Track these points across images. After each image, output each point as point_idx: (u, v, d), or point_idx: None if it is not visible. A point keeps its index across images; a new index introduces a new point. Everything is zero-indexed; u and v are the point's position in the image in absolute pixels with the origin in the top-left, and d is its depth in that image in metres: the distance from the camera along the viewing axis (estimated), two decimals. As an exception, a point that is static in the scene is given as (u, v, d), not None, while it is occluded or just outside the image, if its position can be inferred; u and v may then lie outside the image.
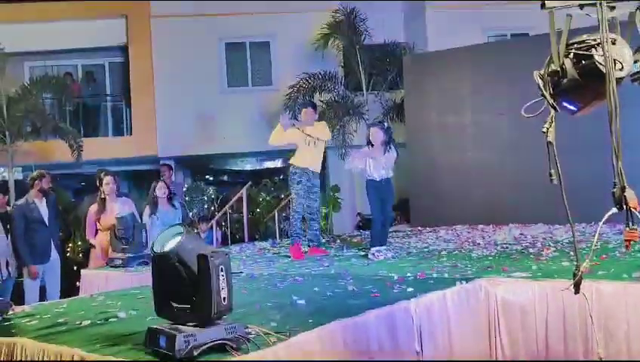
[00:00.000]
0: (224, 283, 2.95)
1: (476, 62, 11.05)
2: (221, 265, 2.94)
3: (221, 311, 2.98)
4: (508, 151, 10.59)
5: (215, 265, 2.93)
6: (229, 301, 2.99)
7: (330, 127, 12.93)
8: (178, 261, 2.98)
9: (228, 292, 2.98)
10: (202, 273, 2.93)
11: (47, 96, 14.11)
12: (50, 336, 3.56)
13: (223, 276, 2.95)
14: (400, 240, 8.75)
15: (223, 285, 2.95)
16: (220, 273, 2.94)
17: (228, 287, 2.98)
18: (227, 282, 2.97)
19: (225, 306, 2.98)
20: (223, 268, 2.95)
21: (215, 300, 2.92)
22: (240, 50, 15.34)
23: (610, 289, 4.15)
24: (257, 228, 12.98)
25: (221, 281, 2.94)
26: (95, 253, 7.84)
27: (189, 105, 14.49)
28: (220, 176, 18.44)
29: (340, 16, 13.75)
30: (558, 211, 2.65)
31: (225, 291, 2.96)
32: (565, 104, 2.52)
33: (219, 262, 2.94)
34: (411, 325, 3.92)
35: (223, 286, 2.95)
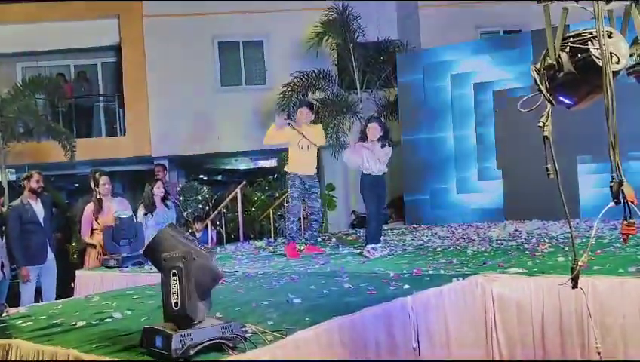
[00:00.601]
0: (176, 287, 2.82)
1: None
2: (173, 269, 2.83)
3: (173, 317, 2.87)
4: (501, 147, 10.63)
5: (167, 267, 2.85)
6: (184, 307, 2.82)
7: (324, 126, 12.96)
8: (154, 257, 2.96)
9: (182, 297, 2.81)
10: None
11: (39, 96, 14.04)
12: (46, 337, 3.53)
13: (175, 281, 2.82)
14: (395, 237, 8.76)
15: (175, 290, 2.82)
16: (172, 277, 2.83)
17: (183, 293, 2.81)
18: (182, 288, 2.81)
19: (177, 312, 2.84)
20: (177, 273, 2.83)
21: (168, 303, 2.84)
22: (233, 50, 15.31)
23: (605, 284, 4.15)
24: (252, 228, 12.95)
25: (172, 286, 2.83)
26: (93, 251, 7.80)
27: (183, 104, 14.44)
28: (214, 176, 18.41)
29: (334, 15, 13.73)
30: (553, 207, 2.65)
31: (177, 297, 2.82)
32: (562, 98, 2.50)
33: (171, 265, 2.84)
34: (408, 322, 3.91)
35: (174, 291, 2.83)
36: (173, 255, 2.88)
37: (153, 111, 14.79)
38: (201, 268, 2.89)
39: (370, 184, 7.10)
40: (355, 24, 13.65)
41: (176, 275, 2.83)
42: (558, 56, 2.42)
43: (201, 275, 2.90)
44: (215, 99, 14.88)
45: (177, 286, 2.83)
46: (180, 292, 2.82)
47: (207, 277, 2.94)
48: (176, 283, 2.83)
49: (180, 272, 2.83)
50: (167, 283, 2.86)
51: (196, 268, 2.86)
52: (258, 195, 13.60)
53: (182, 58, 14.65)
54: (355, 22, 13.65)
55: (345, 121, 13.52)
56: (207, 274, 2.93)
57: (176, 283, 2.83)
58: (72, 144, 12.63)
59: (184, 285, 2.82)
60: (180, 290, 2.82)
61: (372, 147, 7.09)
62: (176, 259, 2.85)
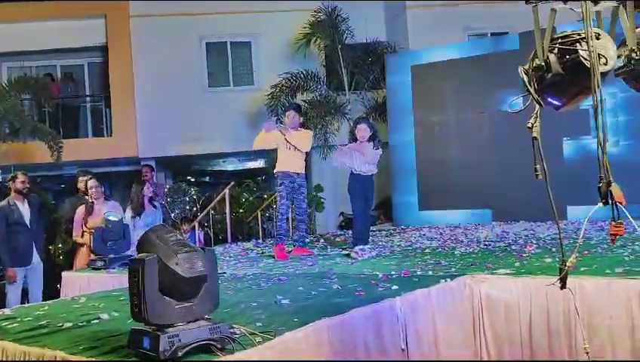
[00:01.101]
0: (136, 289, 2.84)
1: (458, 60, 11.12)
2: (134, 272, 2.85)
3: (137, 317, 2.89)
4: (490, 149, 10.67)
5: (131, 269, 2.88)
6: (143, 310, 2.83)
7: (313, 127, 12.97)
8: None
9: (141, 301, 2.82)
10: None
11: (25, 97, 13.95)
12: (32, 339, 3.50)
13: (134, 283, 2.85)
14: (383, 238, 8.77)
15: (135, 291, 2.85)
16: (133, 279, 2.86)
17: (142, 296, 2.82)
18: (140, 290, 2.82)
19: (136, 314, 2.88)
20: (137, 275, 2.84)
21: (144, 307, 2.84)
22: (221, 50, 15.27)
23: (593, 285, 4.17)
24: (240, 229, 12.91)
25: (133, 287, 2.86)
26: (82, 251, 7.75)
27: (170, 105, 14.36)
28: (202, 177, 18.33)
29: (322, 16, 13.72)
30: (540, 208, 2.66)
31: (136, 298, 2.84)
32: (550, 99, 2.52)
33: (134, 267, 2.86)
34: (396, 323, 3.91)
35: (135, 293, 2.85)
36: (137, 258, 2.89)
37: (140, 112, 14.70)
38: (168, 271, 2.87)
39: (358, 184, 7.11)
40: (344, 25, 13.66)
41: (136, 278, 2.84)
42: (547, 58, 2.43)
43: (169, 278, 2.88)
44: (203, 99, 14.83)
45: (136, 288, 2.84)
46: (138, 294, 2.84)
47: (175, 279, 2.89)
48: (135, 285, 2.85)
49: (138, 275, 2.84)
50: (129, 284, 2.89)
51: (162, 271, 2.86)
52: (246, 196, 13.56)
53: (169, 58, 14.57)
54: (343, 23, 13.65)
55: (333, 122, 13.51)
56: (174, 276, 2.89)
57: (136, 285, 2.84)
58: (58, 145, 12.53)
59: (141, 287, 2.83)
60: (139, 292, 2.84)
61: (362, 148, 7.10)
62: (138, 262, 2.85)
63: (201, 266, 2.96)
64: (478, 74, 10.77)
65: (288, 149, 7.46)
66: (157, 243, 2.98)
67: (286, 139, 7.39)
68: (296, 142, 7.43)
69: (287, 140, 7.39)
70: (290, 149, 7.46)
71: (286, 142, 7.41)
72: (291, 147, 7.44)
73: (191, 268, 2.93)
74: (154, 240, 3.00)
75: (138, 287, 2.83)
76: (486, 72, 10.61)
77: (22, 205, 7.61)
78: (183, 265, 2.90)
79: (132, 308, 2.90)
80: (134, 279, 2.85)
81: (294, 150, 7.46)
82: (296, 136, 7.48)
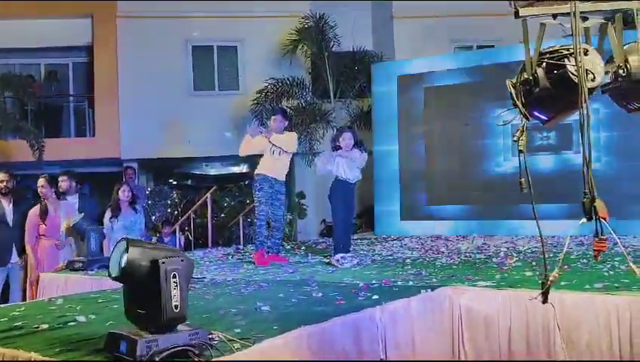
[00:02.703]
0: (176, 290, 2.83)
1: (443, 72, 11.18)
2: (173, 272, 2.83)
3: (173, 320, 2.86)
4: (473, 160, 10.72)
5: (165, 270, 2.82)
6: (182, 309, 2.85)
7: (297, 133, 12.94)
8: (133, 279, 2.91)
9: (181, 299, 2.84)
10: (153, 279, 2.83)
11: (8, 94, 13.81)
12: (6, 340, 3.45)
13: (175, 283, 2.83)
14: (365, 247, 8.76)
15: (175, 292, 2.83)
16: (172, 279, 2.82)
17: (181, 295, 2.84)
18: (180, 289, 2.84)
19: (177, 314, 2.85)
20: (176, 275, 2.84)
21: (165, 308, 2.81)
22: (207, 54, 15.21)
23: (572, 299, 4.19)
24: (222, 234, 12.86)
25: (172, 288, 2.82)
26: (31, 265, 7.57)
27: (154, 107, 14.27)
28: (184, 180, 18.24)
29: (309, 23, 13.74)
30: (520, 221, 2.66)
31: (177, 298, 2.83)
32: (537, 113, 2.52)
33: (171, 268, 2.83)
34: (376, 332, 3.90)
35: (175, 294, 2.83)
36: (171, 257, 2.87)
37: (124, 113, 14.60)
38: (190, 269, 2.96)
39: (340, 190, 7.10)
40: (331, 33, 13.68)
41: (176, 277, 2.83)
42: (535, 72, 2.44)
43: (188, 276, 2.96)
44: (187, 103, 14.74)
45: (177, 288, 2.83)
46: (180, 293, 2.84)
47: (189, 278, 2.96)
48: (176, 285, 2.83)
49: (179, 273, 2.85)
50: (162, 286, 2.81)
51: (187, 270, 2.92)
52: (228, 201, 13.53)
53: (155, 60, 14.49)
54: (330, 31, 13.68)
55: (318, 129, 13.51)
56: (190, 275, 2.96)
57: (177, 285, 2.83)
58: (40, 143, 12.44)
59: (182, 286, 2.85)
60: (180, 292, 2.84)
61: (348, 154, 7.10)
62: (176, 261, 2.86)
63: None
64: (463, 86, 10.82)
65: (273, 154, 7.44)
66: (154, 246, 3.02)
67: (270, 141, 7.37)
68: (281, 144, 7.42)
69: (271, 142, 7.37)
70: (275, 154, 7.43)
71: (271, 147, 7.39)
72: (276, 151, 7.41)
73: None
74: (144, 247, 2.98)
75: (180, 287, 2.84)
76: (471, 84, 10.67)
77: (7, 205, 7.56)
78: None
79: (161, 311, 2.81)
80: (174, 279, 2.83)
81: (279, 155, 7.43)
82: (281, 137, 7.47)
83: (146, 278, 2.86)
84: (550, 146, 9.79)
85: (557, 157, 9.81)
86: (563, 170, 9.56)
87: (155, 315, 2.84)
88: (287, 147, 7.48)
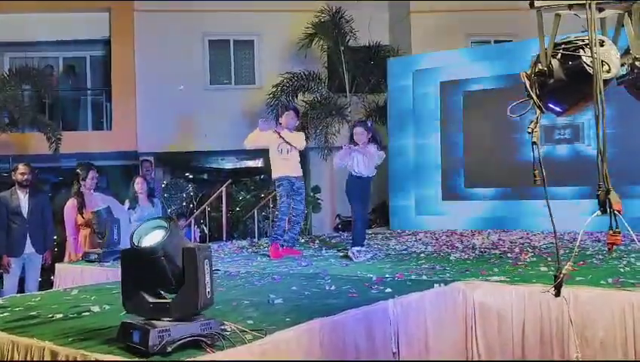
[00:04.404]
0: (209, 276, 2.95)
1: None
2: (206, 259, 2.94)
3: (206, 305, 2.98)
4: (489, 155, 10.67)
5: (201, 258, 2.91)
6: (212, 294, 2.98)
7: (313, 128, 12.97)
8: (164, 255, 2.92)
9: (211, 285, 2.97)
10: (189, 267, 2.91)
11: (26, 87, 13.92)
12: (21, 329, 3.48)
13: (207, 269, 2.94)
14: (379, 241, 8.74)
15: (208, 279, 2.94)
16: (206, 267, 2.93)
17: (211, 281, 2.98)
18: (211, 276, 2.97)
19: (209, 300, 2.98)
20: (208, 262, 2.94)
21: (201, 294, 2.91)
22: (224, 48, 15.25)
23: (587, 295, 4.15)
24: (236, 227, 12.90)
25: (206, 275, 2.93)
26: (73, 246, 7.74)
27: (171, 101, 14.34)
28: (200, 174, 18.30)
29: (325, 17, 13.72)
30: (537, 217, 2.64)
31: (209, 285, 2.95)
32: (551, 105, 2.49)
33: (204, 255, 2.93)
34: (388, 326, 3.89)
35: (208, 280, 2.94)
36: (198, 246, 2.97)
37: (141, 107, 14.68)
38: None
39: (357, 185, 7.11)
40: (347, 27, 13.65)
41: (208, 264, 2.95)
42: (550, 63, 2.41)
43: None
44: (204, 96, 14.80)
45: (209, 275, 2.95)
46: (211, 280, 2.97)
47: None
48: (208, 271, 2.95)
49: (210, 261, 2.97)
50: (199, 273, 2.91)
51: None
52: (243, 195, 13.56)
53: (171, 54, 14.55)
54: (347, 25, 13.65)
55: (333, 123, 13.51)
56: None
57: (209, 271, 2.95)
58: (56, 136, 12.51)
59: (212, 273, 2.98)
60: (211, 279, 2.97)
61: (364, 150, 7.10)
62: (206, 249, 2.99)
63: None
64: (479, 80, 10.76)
65: (280, 152, 7.45)
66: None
67: (281, 137, 7.39)
68: (291, 140, 7.46)
69: (282, 137, 7.39)
70: (282, 152, 7.45)
71: (278, 145, 7.41)
72: (283, 149, 7.43)
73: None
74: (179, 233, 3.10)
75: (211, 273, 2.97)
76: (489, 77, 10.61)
77: (23, 196, 7.63)
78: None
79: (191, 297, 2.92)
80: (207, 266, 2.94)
81: (287, 153, 7.45)
82: (291, 135, 7.50)
83: (174, 263, 2.93)
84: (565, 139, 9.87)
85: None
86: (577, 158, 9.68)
87: (187, 302, 2.94)
88: (297, 144, 7.52)
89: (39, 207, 7.76)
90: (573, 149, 9.85)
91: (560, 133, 9.89)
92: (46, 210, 7.93)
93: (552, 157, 9.78)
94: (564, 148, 9.94)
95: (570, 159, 9.79)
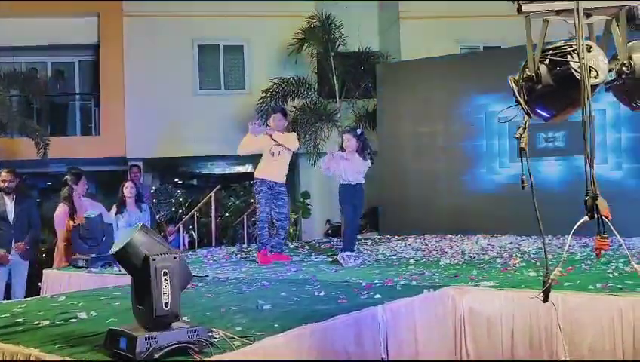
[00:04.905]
0: (167, 288, 2.82)
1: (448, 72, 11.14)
2: (164, 269, 2.82)
3: (163, 317, 2.85)
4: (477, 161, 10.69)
5: (156, 268, 2.82)
6: (173, 307, 2.84)
7: (302, 133, 12.95)
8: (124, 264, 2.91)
9: (172, 298, 2.82)
10: (145, 275, 2.83)
11: (14, 92, 13.84)
12: (7, 336, 3.45)
13: (166, 280, 2.82)
14: (369, 247, 8.74)
15: (166, 290, 2.82)
16: (163, 277, 2.81)
17: (173, 293, 2.83)
18: (172, 288, 2.83)
19: (167, 312, 2.84)
20: (167, 272, 2.82)
21: (155, 305, 2.80)
22: (213, 53, 15.21)
23: (576, 300, 4.16)
24: (226, 233, 12.86)
25: (162, 286, 2.81)
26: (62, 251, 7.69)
27: (160, 106, 14.28)
28: (189, 180, 18.27)
29: (315, 22, 13.73)
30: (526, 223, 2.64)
31: (167, 297, 2.81)
32: (539, 110, 2.50)
33: (161, 265, 2.82)
34: (377, 331, 3.88)
35: (165, 292, 2.82)
36: (162, 254, 2.85)
37: (129, 112, 14.60)
38: (184, 268, 2.93)
39: (347, 192, 7.10)
40: (337, 33, 13.67)
41: (167, 275, 2.82)
42: (538, 68, 2.41)
43: (184, 275, 2.94)
44: (193, 102, 14.76)
45: (168, 286, 2.82)
46: (171, 292, 2.82)
47: (186, 277, 2.94)
48: (167, 283, 2.82)
49: (171, 271, 2.83)
50: (156, 283, 2.81)
51: (181, 268, 2.90)
52: (232, 201, 13.52)
53: (161, 59, 14.51)
54: (336, 31, 13.66)
55: (323, 129, 13.51)
56: (187, 274, 2.95)
57: (167, 282, 2.82)
58: (45, 141, 12.44)
59: (174, 284, 2.83)
60: (171, 290, 2.82)
61: (351, 157, 7.08)
62: (168, 259, 2.84)
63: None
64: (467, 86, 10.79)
65: (272, 155, 7.43)
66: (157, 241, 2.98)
67: (274, 139, 7.36)
68: (284, 141, 7.43)
69: (275, 140, 7.36)
70: (275, 155, 7.42)
71: (271, 147, 7.38)
72: (275, 152, 7.40)
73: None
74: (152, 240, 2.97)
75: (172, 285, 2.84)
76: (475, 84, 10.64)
77: (9, 202, 7.57)
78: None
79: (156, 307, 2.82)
80: (165, 277, 2.82)
81: (278, 155, 7.43)
82: (283, 136, 7.47)
83: (139, 270, 2.87)
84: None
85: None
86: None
87: (148, 312, 2.85)
88: (291, 145, 7.49)
89: (25, 212, 7.70)
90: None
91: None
92: (33, 215, 7.88)
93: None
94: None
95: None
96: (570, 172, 9.65)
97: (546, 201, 3.05)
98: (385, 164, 11.44)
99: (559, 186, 9.62)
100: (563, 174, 9.87)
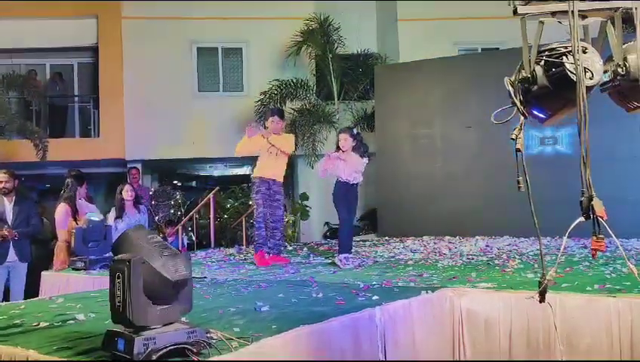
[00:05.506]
0: (119, 291, 2.81)
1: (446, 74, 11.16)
2: (118, 272, 2.81)
3: (118, 319, 2.85)
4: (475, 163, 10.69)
5: (114, 269, 2.84)
6: (127, 311, 2.78)
7: (301, 135, 12.96)
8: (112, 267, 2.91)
9: (125, 302, 2.78)
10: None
11: (13, 94, 13.85)
12: (5, 338, 3.45)
13: (118, 283, 2.81)
14: (367, 248, 8.74)
15: (118, 293, 2.81)
16: (117, 279, 2.82)
17: (126, 298, 2.78)
18: (125, 291, 2.79)
19: (120, 314, 2.82)
20: (121, 276, 2.80)
21: (130, 307, 2.79)
22: (212, 55, 15.24)
23: (573, 301, 4.16)
24: (224, 235, 12.86)
25: (116, 288, 2.82)
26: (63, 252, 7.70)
27: (159, 108, 14.30)
28: (188, 181, 18.28)
29: (314, 25, 13.75)
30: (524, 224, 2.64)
31: (119, 299, 2.81)
32: (535, 112, 2.51)
33: (118, 267, 2.83)
34: (375, 333, 3.88)
35: (118, 294, 2.82)
36: (121, 258, 2.85)
37: (128, 114, 14.62)
38: (152, 273, 2.85)
39: (343, 192, 7.08)
40: (336, 35, 13.70)
41: (120, 278, 2.81)
42: (533, 70, 2.42)
43: (152, 279, 2.85)
44: (192, 104, 14.78)
45: (120, 289, 2.81)
46: (122, 295, 2.81)
47: (159, 281, 2.87)
48: (119, 286, 2.81)
49: (123, 275, 2.80)
50: (111, 285, 2.85)
51: (146, 272, 2.83)
52: (231, 202, 13.53)
53: (160, 61, 14.54)
54: (335, 33, 13.69)
55: (321, 131, 13.53)
56: (158, 278, 2.86)
57: (120, 286, 2.81)
58: (44, 143, 12.45)
59: (126, 288, 2.80)
60: (123, 293, 2.81)
61: (347, 157, 7.07)
62: (122, 262, 2.82)
63: (184, 269, 2.94)
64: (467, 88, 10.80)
65: (270, 154, 7.43)
66: (138, 243, 2.94)
67: (269, 142, 7.36)
68: (280, 145, 7.42)
69: (271, 143, 7.36)
70: (272, 155, 7.43)
71: (268, 148, 7.38)
72: (274, 152, 7.40)
73: (176, 271, 2.91)
74: (134, 241, 2.97)
75: (123, 288, 2.80)
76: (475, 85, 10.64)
77: (8, 204, 7.58)
78: (168, 268, 2.88)
79: (113, 310, 2.86)
80: (118, 279, 2.82)
81: (276, 155, 7.43)
82: (279, 138, 7.46)
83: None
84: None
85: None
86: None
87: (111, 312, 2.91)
88: (286, 148, 7.48)
89: (24, 214, 7.70)
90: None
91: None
92: (33, 217, 7.87)
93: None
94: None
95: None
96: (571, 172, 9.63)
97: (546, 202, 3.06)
98: (383, 166, 11.45)
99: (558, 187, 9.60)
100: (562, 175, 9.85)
